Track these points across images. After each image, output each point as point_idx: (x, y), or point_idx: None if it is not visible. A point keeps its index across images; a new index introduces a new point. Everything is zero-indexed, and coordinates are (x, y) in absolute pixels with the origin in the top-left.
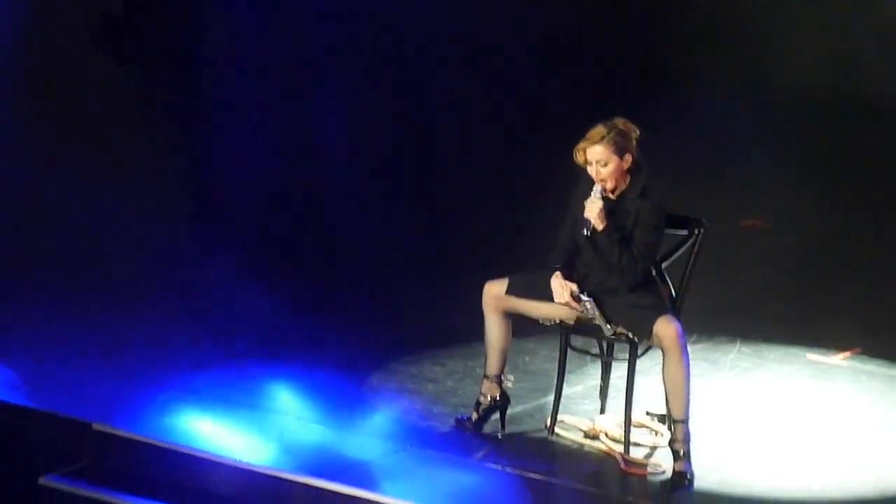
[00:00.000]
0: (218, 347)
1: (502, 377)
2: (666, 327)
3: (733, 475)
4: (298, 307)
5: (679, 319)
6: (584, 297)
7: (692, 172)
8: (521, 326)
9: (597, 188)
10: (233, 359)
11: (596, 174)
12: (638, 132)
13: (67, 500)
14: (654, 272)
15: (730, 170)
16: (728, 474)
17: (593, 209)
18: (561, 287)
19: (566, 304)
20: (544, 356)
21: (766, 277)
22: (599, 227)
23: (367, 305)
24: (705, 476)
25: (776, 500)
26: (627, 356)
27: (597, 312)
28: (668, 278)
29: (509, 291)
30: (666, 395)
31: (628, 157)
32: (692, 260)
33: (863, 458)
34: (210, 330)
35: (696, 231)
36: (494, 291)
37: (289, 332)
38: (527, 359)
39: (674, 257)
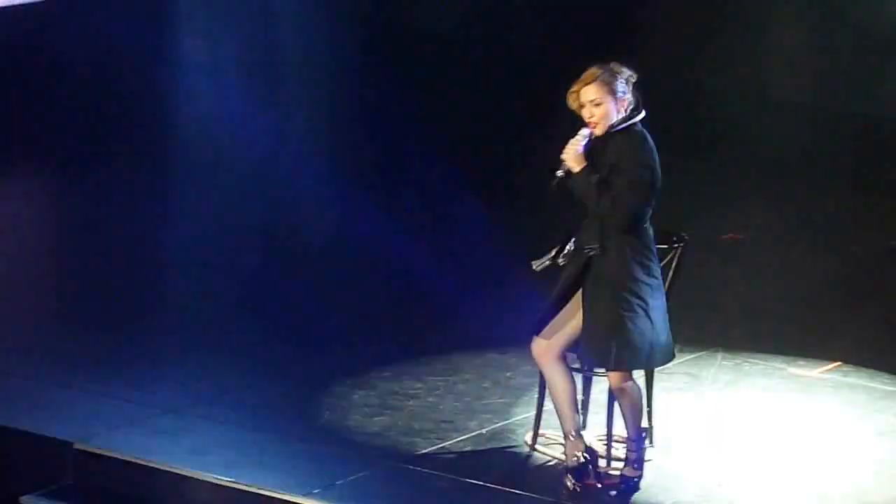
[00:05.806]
0: (201, 365)
1: (581, 431)
2: (613, 378)
3: (714, 490)
4: (276, 325)
5: (625, 361)
6: (560, 173)
7: (671, 187)
8: (501, 342)
9: (584, 131)
10: (214, 375)
11: (589, 115)
12: (635, 76)
13: None
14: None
15: (709, 184)
16: (708, 489)
17: (571, 150)
18: (575, 142)
19: (567, 153)
20: (525, 371)
21: (746, 291)
22: (575, 168)
23: (345, 320)
24: (685, 489)
25: None
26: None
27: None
28: None
29: (546, 335)
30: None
31: (623, 100)
32: (672, 274)
33: (845, 470)
34: (193, 346)
35: (676, 245)
36: (541, 345)
37: (266, 350)
38: (508, 374)
39: None
